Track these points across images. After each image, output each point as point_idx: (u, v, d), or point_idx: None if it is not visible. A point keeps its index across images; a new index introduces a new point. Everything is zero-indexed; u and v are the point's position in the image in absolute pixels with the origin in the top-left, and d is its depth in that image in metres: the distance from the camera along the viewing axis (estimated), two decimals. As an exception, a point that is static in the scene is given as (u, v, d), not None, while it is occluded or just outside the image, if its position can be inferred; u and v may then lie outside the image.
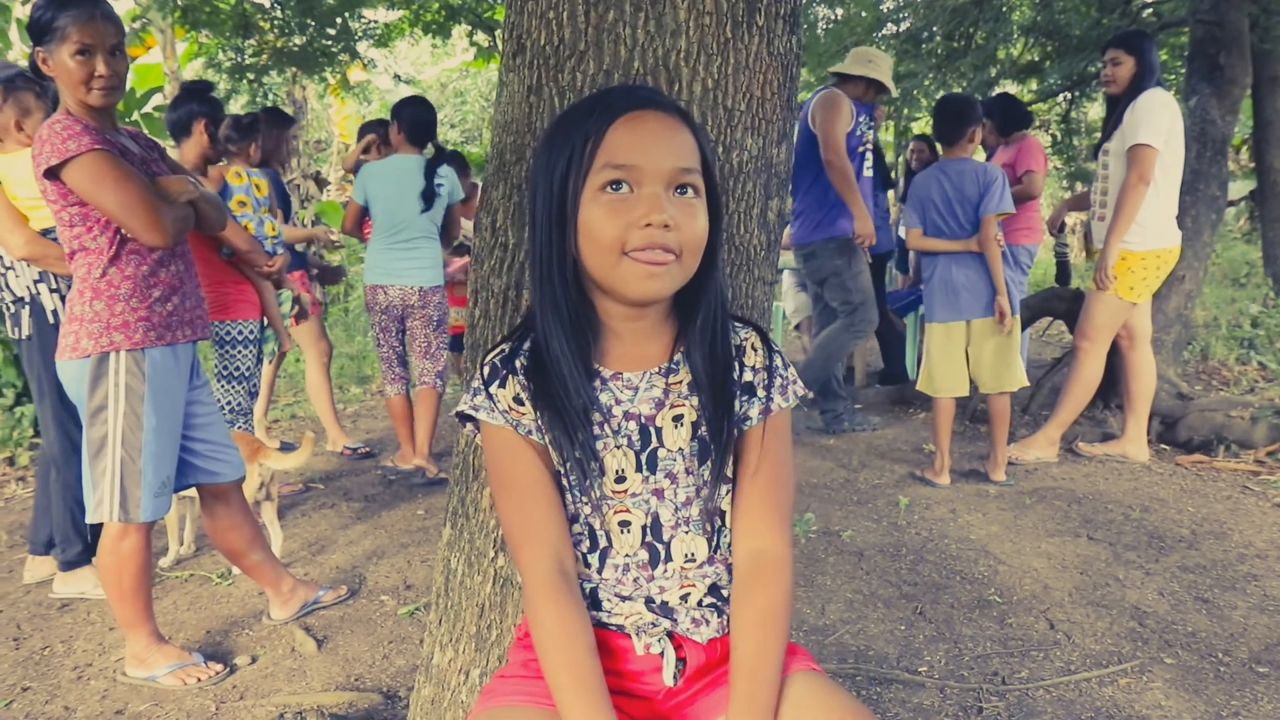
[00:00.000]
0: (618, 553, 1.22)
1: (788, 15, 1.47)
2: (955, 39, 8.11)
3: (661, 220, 1.10)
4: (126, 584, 2.47)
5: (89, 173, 2.24)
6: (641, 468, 1.22)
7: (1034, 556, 3.21)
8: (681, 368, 1.23)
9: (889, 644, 2.60)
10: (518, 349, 1.22)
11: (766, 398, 1.24)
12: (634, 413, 1.21)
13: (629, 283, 1.12)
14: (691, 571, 1.23)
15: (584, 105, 1.18)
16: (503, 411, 1.20)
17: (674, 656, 1.21)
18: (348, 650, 2.68)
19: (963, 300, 3.99)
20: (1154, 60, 4.05)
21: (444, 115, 17.38)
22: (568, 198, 1.13)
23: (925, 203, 4.05)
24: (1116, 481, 4.06)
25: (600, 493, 1.20)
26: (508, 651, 1.37)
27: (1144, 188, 3.93)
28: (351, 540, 3.63)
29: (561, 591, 1.15)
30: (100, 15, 2.28)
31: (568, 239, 1.14)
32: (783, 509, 1.23)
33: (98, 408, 2.38)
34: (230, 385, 3.78)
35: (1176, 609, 2.78)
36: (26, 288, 3.05)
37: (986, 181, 3.94)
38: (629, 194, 1.11)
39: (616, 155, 1.11)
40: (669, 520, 1.22)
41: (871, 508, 3.80)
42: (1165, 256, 4.09)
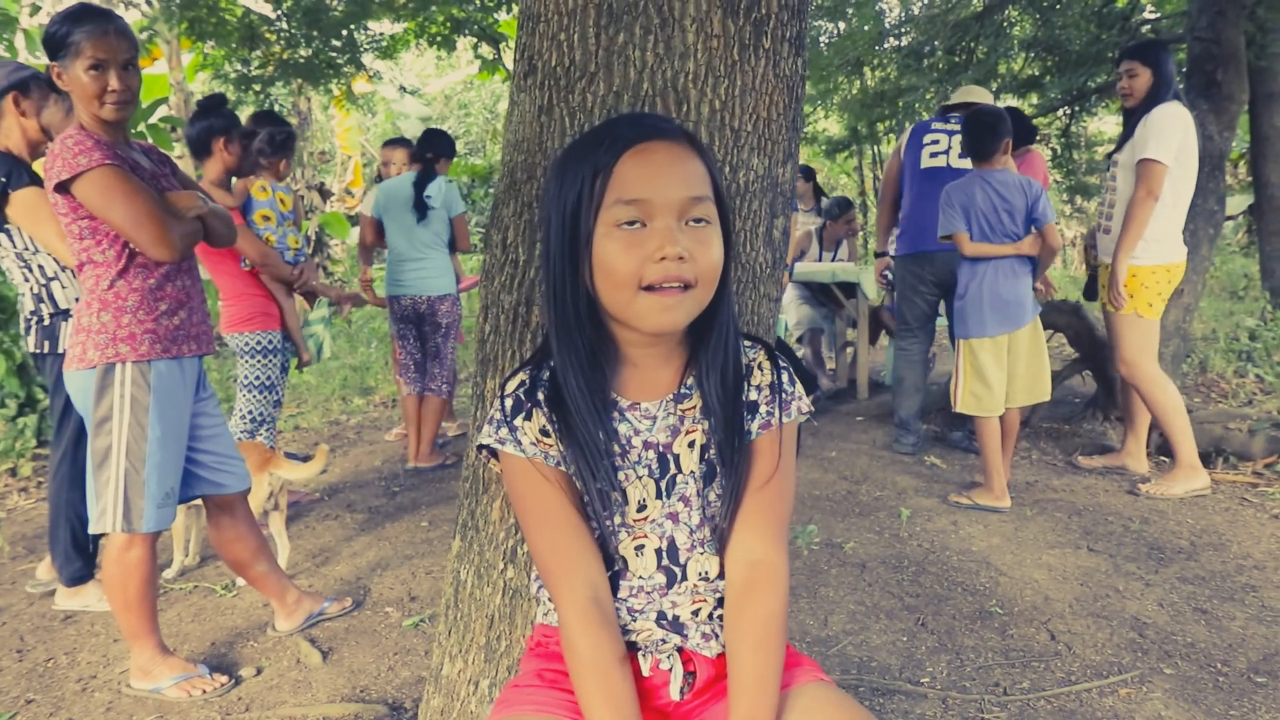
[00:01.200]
0: (633, 575, 1.24)
1: (793, 38, 1.50)
2: (956, 53, 8.18)
3: (676, 253, 1.10)
4: (131, 595, 2.48)
5: (98, 187, 2.27)
6: (661, 494, 1.23)
7: (1035, 568, 3.23)
8: (694, 393, 1.24)
9: (891, 655, 2.62)
10: (538, 379, 1.23)
11: (767, 413, 1.25)
12: (653, 441, 1.23)
13: (645, 317, 1.13)
14: (704, 588, 1.24)
15: (591, 137, 1.18)
16: (531, 444, 1.20)
17: (682, 671, 1.23)
18: (353, 662, 2.69)
19: (1011, 311, 3.91)
20: (1170, 72, 3.98)
21: (448, 126, 17.46)
22: (580, 232, 1.14)
23: (970, 210, 3.94)
24: (1116, 494, 4.08)
25: (621, 521, 1.22)
26: (519, 661, 1.39)
27: (1152, 203, 3.87)
28: (355, 552, 3.64)
29: (597, 621, 1.16)
30: (114, 30, 2.32)
31: (581, 273, 1.15)
32: (780, 521, 1.24)
33: (103, 418, 2.40)
34: (257, 395, 3.83)
35: (1176, 620, 2.79)
36: (74, 300, 3.03)
37: (1036, 193, 3.89)
38: (641, 229, 1.12)
39: (626, 190, 1.11)
40: (684, 543, 1.24)
41: (873, 520, 3.81)
42: (1174, 271, 4.04)
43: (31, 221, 2.92)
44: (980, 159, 4.01)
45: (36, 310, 3.06)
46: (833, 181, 17.81)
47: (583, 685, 1.14)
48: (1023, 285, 3.93)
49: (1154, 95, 3.96)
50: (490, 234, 1.59)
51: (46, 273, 3.04)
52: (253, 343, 3.80)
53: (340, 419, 6.39)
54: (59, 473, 3.15)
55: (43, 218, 2.89)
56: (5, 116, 3.00)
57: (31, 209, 2.90)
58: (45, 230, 2.90)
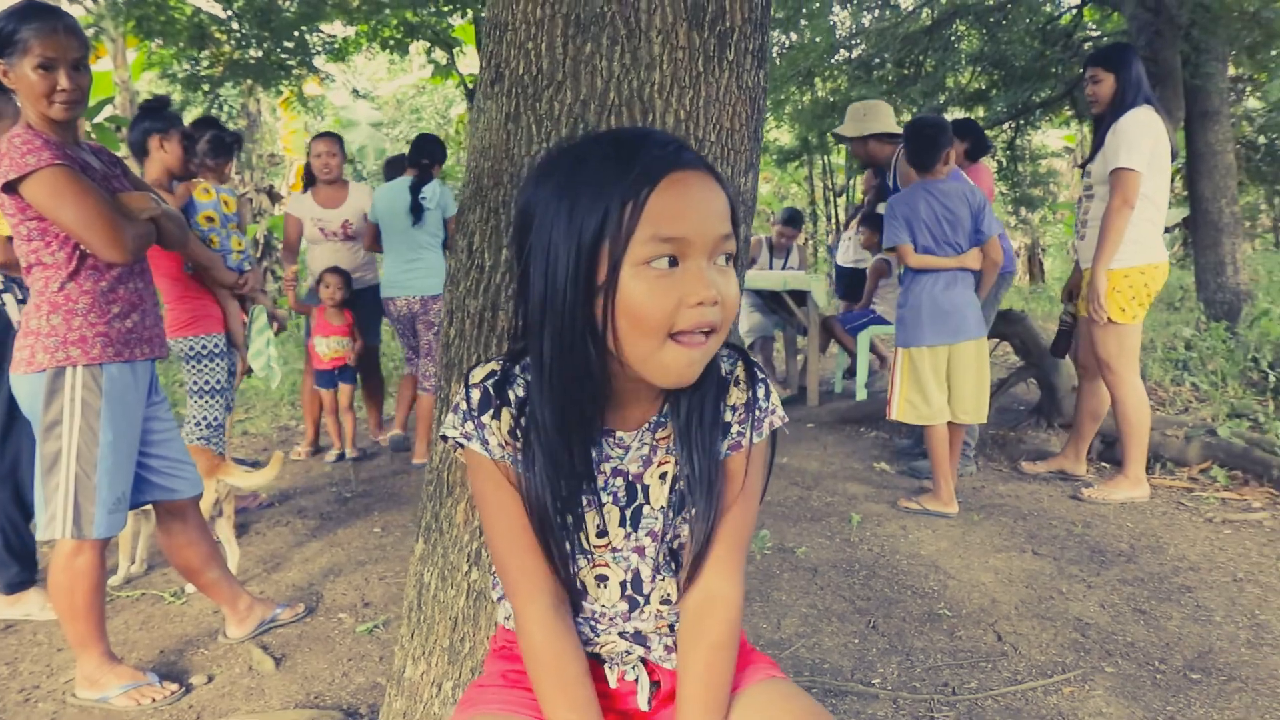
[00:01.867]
0: (594, 600, 1.21)
1: (756, 51, 1.54)
2: (906, 66, 8.34)
3: (712, 298, 1.02)
4: (79, 602, 2.43)
5: (48, 188, 2.23)
6: (625, 523, 1.19)
7: (982, 571, 3.30)
8: (669, 422, 1.19)
9: (843, 657, 2.66)
10: (511, 375, 1.15)
11: (739, 433, 1.19)
12: (623, 470, 1.19)
13: (669, 371, 1.05)
14: (665, 610, 1.23)
15: (612, 155, 1.05)
16: (499, 445, 1.14)
17: (648, 681, 1.24)
18: (306, 668, 2.67)
19: (953, 323, 3.92)
20: (1135, 76, 3.93)
21: (399, 131, 17.34)
22: (597, 265, 1.02)
23: (913, 221, 3.95)
24: (1059, 499, 4.18)
25: (574, 546, 1.18)
26: (483, 662, 1.40)
27: (1128, 211, 3.84)
28: (308, 558, 3.61)
29: (557, 624, 1.15)
30: (63, 29, 2.27)
31: (595, 310, 1.04)
32: (739, 548, 1.19)
33: (52, 422, 2.36)
34: (206, 400, 3.77)
35: (1116, 620, 2.87)
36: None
37: (979, 203, 3.91)
38: (672, 269, 1.02)
39: (664, 226, 1.01)
40: (648, 576, 1.21)
41: (825, 525, 3.87)
42: (1150, 273, 3.95)
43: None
44: (923, 170, 4.03)
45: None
46: (783, 190, 18.00)
47: (543, 688, 1.13)
48: (964, 298, 3.95)
49: (1120, 101, 3.93)
50: (456, 239, 1.60)
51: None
52: (197, 347, 3.75)
53: (290, 424, 6.31)
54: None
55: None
56: None
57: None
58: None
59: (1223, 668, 2.54)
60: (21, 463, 3.06)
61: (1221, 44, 6.64)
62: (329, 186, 5.11)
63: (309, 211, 5.09)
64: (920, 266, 3.97)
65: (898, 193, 4.18)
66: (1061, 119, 9.63)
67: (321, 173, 5.07)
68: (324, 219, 5.06)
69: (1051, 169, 13.00)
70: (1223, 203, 6.88)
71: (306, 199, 5.12)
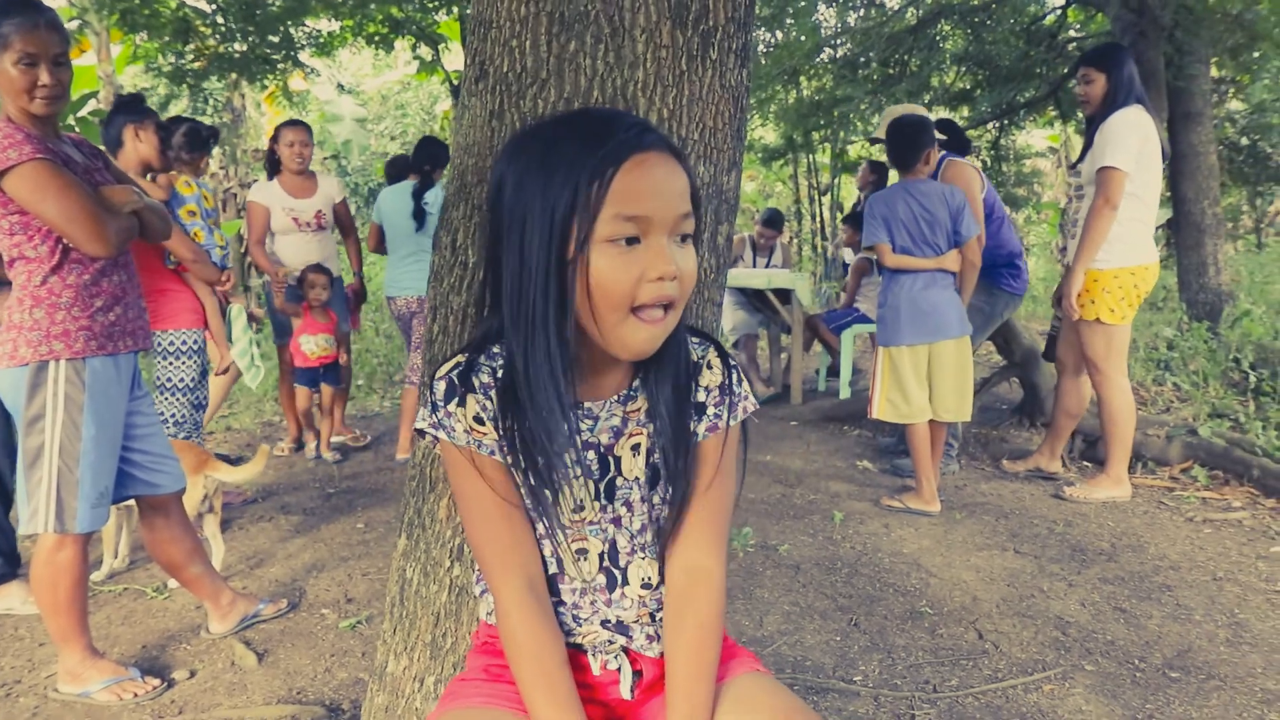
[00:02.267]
0: (573, 579, 1.23)
1: (739, 50, 1.54)
2: (891, 65, 8.36)
3: (671, 273, 1.08)
4: (61, 597, 2.43)
5: (30, 182, 2.22)
6: (600, 496, 1.22)
7: (963, 569, 3.33)
8: (640, 395, 1.22)
9: (825, 654, 2.68)
10: (475, 364, 1.18)
11: (715, 415, 1.23)
12: (593, 442, 1.21)
13: (629, 344, 1.10)
14: (647, 596, 1.25)
15: (583, 133, 1.11)
16: (464, 431, 1.16)
17: (630, 671, 1.25)
18: (289, 663, 2.67)
19: (931, 323, 3.93)
20: (1126, 76, 3.93)
21: (384, 127, 17.27)
22: (568, 240, 1.07)
23: (891, 220, 3.95)
24: (1041, 498, 4.21)
25: (557, 522, 1.20)
26: (465, 657, 1.40)
27: (1110, 212, 3.84)
28: (291, 554, 3.60)
29: (535, 612, 1.16)
30: (44, 24, 2.27)
31: (564, 283, 1.09)
32: (720, 527, 1.23)
33: (35, 416, 2.35)
34: (170, 397, 3.73)
35: (1097, 618, 2.90)
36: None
37: (958, 204, 3.91)
38: (637, 246, 1.08)
39: (627, 204, 1.06)
40: (625, 547, 1.23)
41: (807, 523, 3.89)
42: (1140, 274, 3.96)
43: None
44: (903, 168, 4.04)
45: None
46: (768, 189, 18.03)
47: (522, 675, 1.14)
48: (943, 297, 3.96)
49: (1111, 101, 3.92)
50: (440, 236, 1.60)
51: None
52: (178, 342, 3.71)
53: (273, 420, 6.29)
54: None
55: None
56: None
57: None
58: None
59: (1202, 666, 2.57)
60: (2, 456, 3.04)
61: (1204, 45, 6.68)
62: (299, 176, 4.98)
63: (279, 200, 4.93)
64: (897, 267, 3.98)
65: (876, 192, 4.19)
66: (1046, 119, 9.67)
67: (293, 162, 4.93)
68: (297, 209, 4.94)
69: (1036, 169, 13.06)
70: (1205, 204, 6.93)
71: (274, 187, 4.96)
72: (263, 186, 5.02)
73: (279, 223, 4.95)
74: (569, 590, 1.23)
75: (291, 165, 4.94)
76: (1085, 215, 3.97)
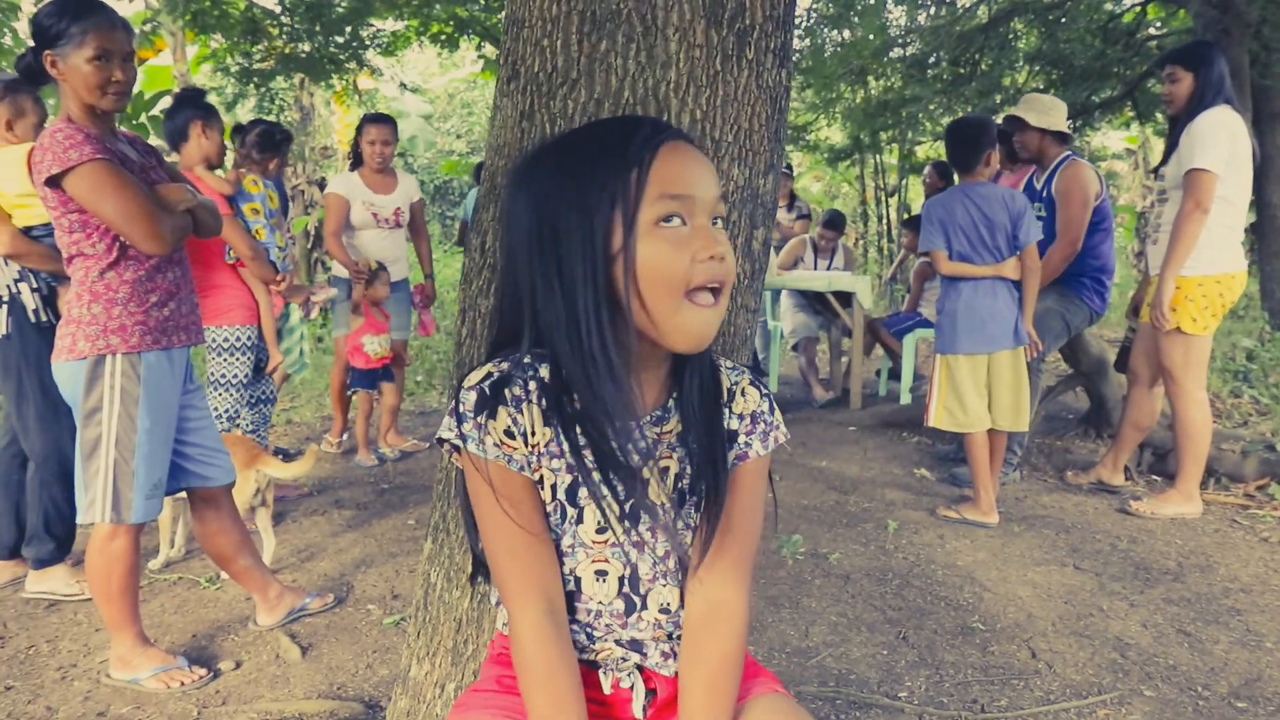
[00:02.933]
0: (590, 599, 1.20)
1: (778, 49, 1.50)
2: (961, 65, 8.19)
3: (721, 253, 1.07)
4: (114, 585, 2.48)
5: (89, 182, 2.27)
6: (624, 518, 1.18)
7: (1019, 585, 3.23)
8: (672, 417, 1.19)
9: (870, 668, 2.62)
10: (508, 376, 1.14)
11: (745, 444, 1.21)
12: None
13: (687, 331, 1.07)
14: (664, 620, 1.21)
15: (608, 133, 1.11)
16: (494, 445, 1.12)
17: (643, 690, 1.22)
18: (332, 658, 2.69)
19: (990, 331, 3.82)
20: (1216, 76, 3.77)
21: (450, 125, 17.47)
22: (612, 235, 1.06)
23: (949, 225, 3.84)
24: (1105, 512, 4.07)
25: (579, 540, 1.18)
26: (481, 667, 1.38)
27: (1201, 215, 3.67)
28: (341, 548, 3.64)
29: (551, 635, 1.13)
30: (119, 23, 2.35)
31: (621, 283, 1.06)
32: (745, 559, 1.20)
33: (92, 409, 2.40)
34: (222, 392, 3.80)
35: (1159, 641, 2.79)
36: (6, 286, 3.06)
37: (1019, 209, 3.78)
38: (682, 226, 1.07)
39: (671, 184, 1.06)
40: (647, 574, 1.20)
41: (860, 531, 3.81)
42: (1226, 282, 3.79)
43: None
44: (964, 170, 3.91)
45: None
46: (834, 190, 17.82)
47: (533, 700, 1.11)
48: (1002, 306, 3.84)
49: (1198, 101, 3.76)
50: (469, 238, 1.59)
51: None
52: (230, 338, 3.78)
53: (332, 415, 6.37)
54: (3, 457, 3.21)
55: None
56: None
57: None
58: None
59: (1271, 696, 2.45)
60: (64, 441, 3.12)
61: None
62: (379, 173, 4.91)
63: (360, 194, 4.83)
64: (952, 274, 3.88)
65: (936, 195, 4.09)
66: (1123, 120, 9.39)
67: (375, 161, 4.84)
68: (377, 204, 4.86)
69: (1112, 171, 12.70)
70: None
71: (355, 180, 4.86)
72: (344, 178, 4.91)
73: (358, 217, 4.85)
74: (584, 610, 1.20)
75: (372, 164, 4.87)
76: (1173, 220, 3.80)
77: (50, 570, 3.16)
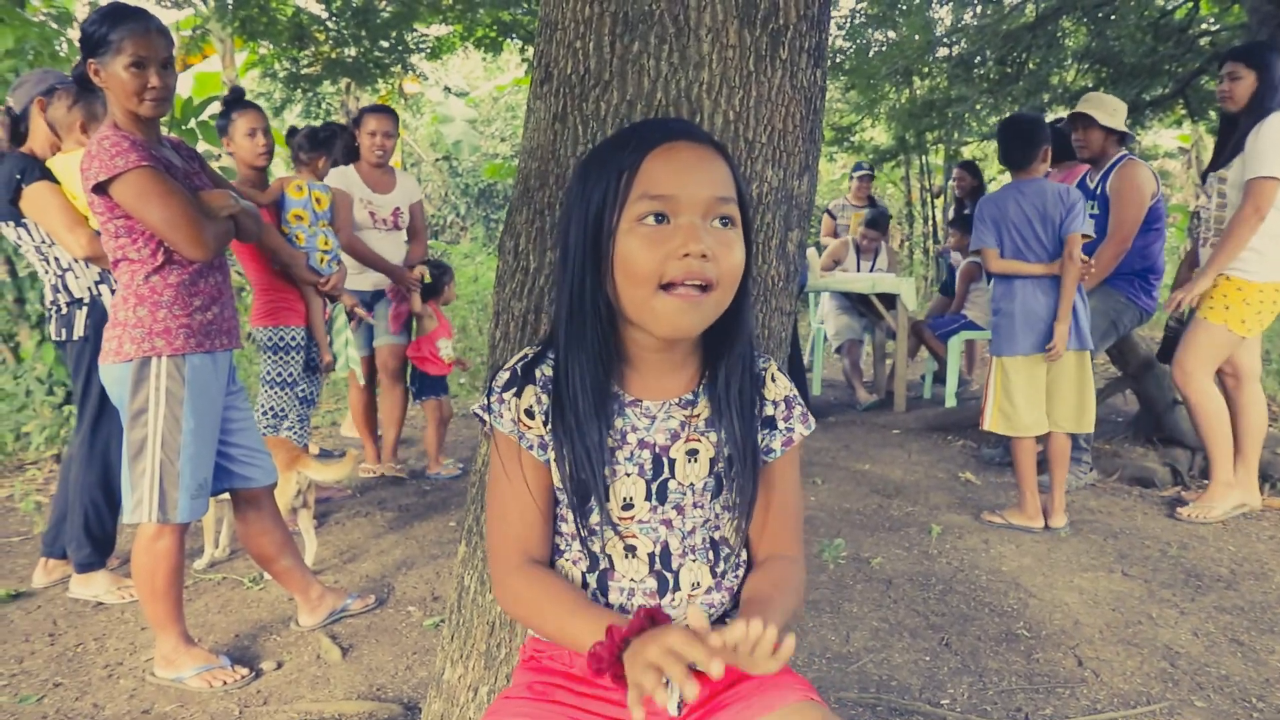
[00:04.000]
0: (622, 576, 1.23)
1: (812, 49, 1.48)
2: (1008, 64, 8.06)
3: (699, 250, 1.09)
4: (159, 584, 2.52)
5: (135, 189, 2.31)
6: (651, 496, 1.22)
7: (1066, 591, 3.16)
8: (701, 400, 1.23)
9: (912, 675, 2.58)
10: (542, 357, 1.23)
11: (788, 429, 1.27)
12: (649, 441, 1.22)
13: (661, 319, 1.12)
14: (699, 599, 1.23)
15: (617, 139, 1.18)
16: (511, 420, 1.21)
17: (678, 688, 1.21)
18: (372, 659, 2.71)
19: (1047, 330, 3.74)
20: (1278, 76, 3.72)
21: (495, 129, 17.56)
22: (603, 230, 1.13)
23: (1001, 223, 3.78)
24: (1155, 516, 3.98)
25: (603, 517, 1.21)
26: (514, 672, 1.38)
27: (1257, 221, 3.63)
28: (383, 550, 3.67)
29: (531, 566, 1.20)
30: (154, 29, 2.37)
31: (602, 272, 1.14)
32: (799, 532, 1.30)
33: (138, 410, 2.44)
34: (277, 391, 3.85)
35: (1210, 650, 2.72)
36: (88, 289, 3.15)
37: (1071, 202, 3.70)
38: (666, 225, 1.11)
39: (654, 186, 1.11)
40: (677, 549, 1.23)
41: (903, 535, 3.76)
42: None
43: (41, 215, 3.04)
44: (1018, 168, 3.83)
45: (55, 300, 3.18)
46: (879, 191, 17.66)
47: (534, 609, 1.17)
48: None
49: (1259, 101, 3.70)
50: (503, 241, 1.59)
51: (61, 264, 3.15)
52: (275, 338, 3.82)
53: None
54: (76, 456, 3.24)
55: (51, 210, 3.01)
56: (33, 120, 3.15)
57: (40, 203, 3.03)
58: (53, 222, 3.02)
59: (1325, 707, 2.38)
60: (112, 449, 3.18)
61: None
62: (378, 169, 4.49)
63: (358, 191, 4.42)
64: (1001, 272, 3.81)
65: (989, 194, 4.02)
66: (1174, 118, 9.18)
67: (373, 154, 4.41)
68: (376, 203, 4.45)
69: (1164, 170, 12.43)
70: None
71: (352, 175, 4.42)
72: (341, 173, 4.41)
73: (355, 215, 4.42)
74: (617, 589, 1.23)
75: (370, 157, 4.43)
76: (1229, 220, 3.74)
77: (93, 575, 3.21)
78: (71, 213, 3.00)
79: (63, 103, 3.07)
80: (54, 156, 3.09)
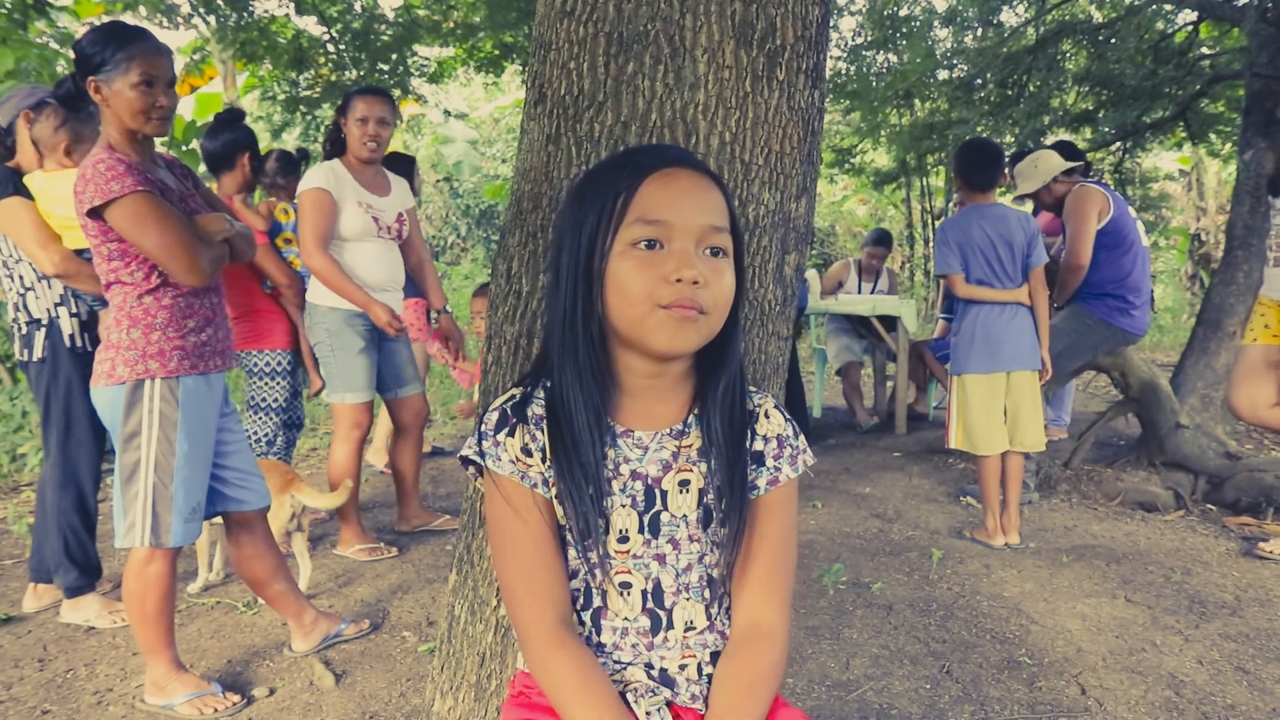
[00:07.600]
0: (615, 615, 1.20)
1: (810, 70, 1.47)
2: (1009, 86, 8.06)
3: (691, 276, 1.09)
4: (149, 609, 2.49)
5: (131, 214, 2.30)
6: (644, 529, 1.20)
7: (1068, 617, 3.12)
8: (693, 431, 1.21)
9: (913, 703, 2.54)
10: (529, 397, 1.20)
11: (775, 468, 1.23)
12: (641, 473, 1.20)
13: (658, 335, 1.11)
14: (692, 640, 1.21)
15: (613, 162, 1.18)
16: (510, 461, 1.17)
17: None
18: (365, 686, 2.67)
19: (1006, 351, 3.82)
20: None
21: (496, 150, 17.63)
22: (596, 253, 1.13)
23: (966, 247, 3.84)
24: (1158, 541, 3.94)
25: (603, 551, 1.18)
26: (501, 709, 1.35)
27: None
28: (379, 574, 3.63)
29: (570, 640, 1.14)
30: (163, 50, 2.39)
31: (594, 295, 1.14)
32: (784, 583, 1.22)
33: (131, 433, 2.42)
34: (261, 416, 3.81)
35: (1216, 679, 2.67)
36: (46, 310, 3.10)
37: (1033, 230, 3.81)
38: (659, 251, 1.11)
39: (648, 211, 1.11)
40: (670, 586, 1.21)
41: (904, 560, 3.72)
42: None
43: (13, 229, 3.00)
44: (982, 190, 3.91)
45: (15, 319, 3.13)
46: (880, 213, 17.69)
47: (567, 701, 1.10)
48: (1019, 327, 3.85)
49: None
50: (496, 264, 1.57)
51: (25, 282, 3.10)
52: (269, 363, 3.79)
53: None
54: (49, 480, 3.19)
55: (24, 226, 2.97)
56: (19, 134, 3.12)
57: (13, 218, 2.98)
58: (25, 238, 2.98)
59: (1333, 738, 2.34)
60: (80, 470, 3.14)
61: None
62: (371, 167, 3.64)
63: (352, 191, 3.53)
64: (969, 297, 3.89)
65: (950, 217, 4.07)
66: (1174, 140, 9.19)
67: (365, 146, 3.53)
68: (376, 206, 3.60)
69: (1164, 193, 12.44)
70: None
71: (341, 173, 3.54)
72: (325, 170, 3.51)
73: (354, 224, 3.52)
74: (610, 629, 1.20)
75: (362, 150, 3.54)
76: None
77: (84, 600, 3.17)
78: (45, 229, 2.96)
79: (50, 122, 3.06)
80: (32, 173, 3.07)
